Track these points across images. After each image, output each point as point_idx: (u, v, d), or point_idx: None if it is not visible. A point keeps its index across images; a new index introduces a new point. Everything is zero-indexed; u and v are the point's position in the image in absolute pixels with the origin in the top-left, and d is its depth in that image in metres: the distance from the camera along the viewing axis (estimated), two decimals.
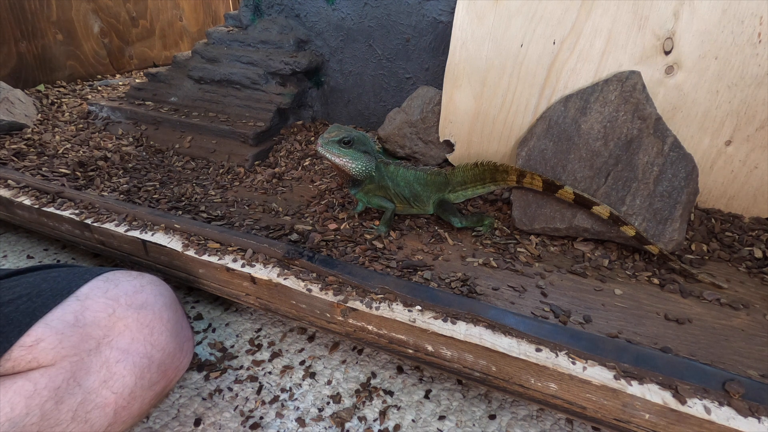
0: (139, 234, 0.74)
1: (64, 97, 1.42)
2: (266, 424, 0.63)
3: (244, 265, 0.67)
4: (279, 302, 0.67)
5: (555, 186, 0.70)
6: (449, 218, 0.75)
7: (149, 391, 0.55)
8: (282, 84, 1.14)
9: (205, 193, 0.90)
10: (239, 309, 0.85)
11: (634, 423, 0.50)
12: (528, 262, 0.70)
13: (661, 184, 0.69)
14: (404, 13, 1.03)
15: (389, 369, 0.72)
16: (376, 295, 0.61)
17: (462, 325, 0.56)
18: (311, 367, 0.72)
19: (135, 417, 0.55)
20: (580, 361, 0.51)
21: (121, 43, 1.76)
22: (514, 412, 0.65)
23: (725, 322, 0.59)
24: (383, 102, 1.17)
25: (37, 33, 1.47)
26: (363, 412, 0.65)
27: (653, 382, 0.49)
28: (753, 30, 0.67)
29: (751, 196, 0.77)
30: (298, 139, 1.12)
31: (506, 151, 0.89)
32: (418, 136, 0.97)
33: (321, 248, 0.70)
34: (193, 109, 1.16)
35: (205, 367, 0.71)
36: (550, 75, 0.79)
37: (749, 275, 0.68)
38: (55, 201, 0.83)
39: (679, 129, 0.76)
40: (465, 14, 0.82)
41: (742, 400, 0.47)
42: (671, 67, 0.73)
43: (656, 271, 0.68)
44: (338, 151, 0.70)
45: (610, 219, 0.68)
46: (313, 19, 1.14)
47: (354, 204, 0.84)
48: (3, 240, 1.04)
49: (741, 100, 0.71)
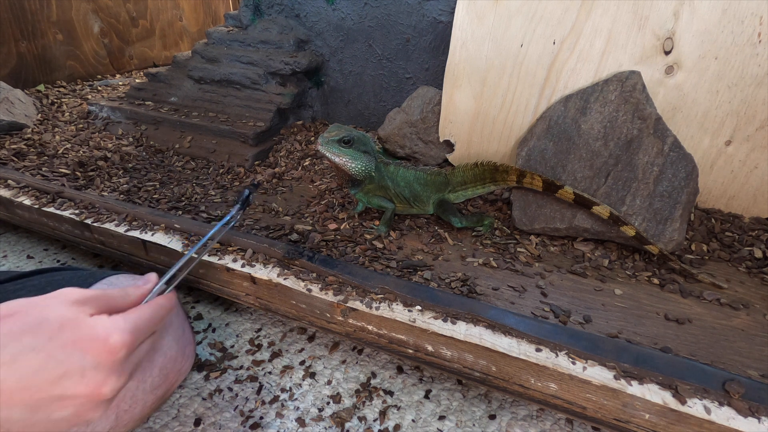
0: (139, 234, 0.74)
1: (64, 97, 1.42)
2: (266, 424, 0.63)
3: (244, 265, 0.67)
4: (279, 302, 0.67)
5: (555, 186, 0.70)
6: (449, 218, 0.75)
7: (151, 395, 0.55)
8: (282, 84, 1.14)
9: (205, 193, 0.90)
10: (239, 309, 0.85)
11: (634, 423, 0.50)
12: (528, 262, 0.70)
13: (661, 184, 0.69)
14: (404, 13, 1.03)
15: (389, 369, 0.72)
16: (376, 295, 0.61)
17: (462, 325, 0.56)
18: (311, 367, 0.72)
19: (136, 420, 0.55)
20: (580, 361, 0.51)
21: (121, 43, 1.76)
22: (514, 412, 0.65)
23: (725, 322, 0.59)
24: (383, 102, 1.17)
25: (37, 33, 1.47)
26: (363, 412, 0.65)
27: (653, 382, 0.49)
28: (753, 30, 0.67)
29: (751, 196, 0.77)
30: (298, 139, 1.12)
31: (506, 151, 0.89)
32: (418, 136, 0.97)
33: (321, 248, 0.70)
34: (193, 109, 1.16)
35: (205, 367, 0.71)
36: (550, 75, 0.79)
37: (749, 275, 0.68)
38: (55, 201, 0.83)
39: (679, 129, 0.76)
40: (465, 14, 0.82)
41: (742, 400, 0.47)
42: (671, 67, 0.73)
43: (656, 271, 0.68)
44: (338, 151, 0.70)
45: (610, 219, 0.68)
46: (313, 19, 1.14)
47: (354, 204, 0.84)
48: (3, 240, 1.04)
49: (741, 100, 0.71)
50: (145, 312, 0.42)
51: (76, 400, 0.36)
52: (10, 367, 0.34)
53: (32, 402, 0.35)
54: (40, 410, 0.36)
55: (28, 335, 0.35)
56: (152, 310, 0.43)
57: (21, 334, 0.35)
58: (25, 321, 0.36)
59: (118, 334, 0.38)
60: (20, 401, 0.35)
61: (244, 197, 0.60)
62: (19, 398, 0.35)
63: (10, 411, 0.35)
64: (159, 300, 0.45)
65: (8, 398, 0.34)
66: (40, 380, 0.35)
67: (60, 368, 0.35)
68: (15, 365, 0.34)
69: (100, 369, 0.37)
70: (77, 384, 0.36)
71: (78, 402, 0.37)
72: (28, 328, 0.36)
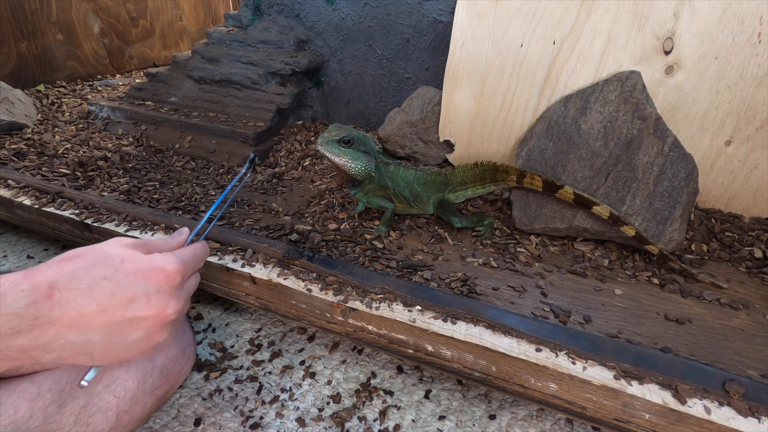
0: (139, 234, 0.74)
1: (64, 97, 1.42)
2: (266, 424, 0.63)
3: (244, 265, 0.67)
4: (279, 302, 0.67)
5: (555, 186, 0.70)
6: (449, 218, 0.75)
7: (151, 396, 0.55)
8: (282, 84, 1.14)
9: (205, 193, 0.90)
10: (239, 309, 0.85)
11: (634, 423, 0.50)
12: (528, 262, 0.70)
13: (661, 184, 0.69)
14: (404, 13, 1.03)
15: (389, 369, 0.72)
16: (376, 295, 0.61)
17: (462, 325, 0.56)
18: (311, 367, 0.72)
19: (136, 421, 0.55)
20: (580, 361, 0.51)
21: (121, 43, 1.76)
22: (514, 412, 0.65)
23: (725, 322, 0.59)
24: (383, 102, 1.17)
25: (37, 33, 1.47)
26: (363, 412, 0.65)
27: (653, 382, 0.49)
28: (753, 30, 0.67)
29: (751, 196, 0.77)
30: (298, 139, 1.12)
31: (506, 151, 0.89)
32: (418, 136, 0.97)
33: (321, 248, 0.70)
34: (193, 109, 1.16)
35: (205, 367, 0.71)
36: (550, 75, 0.79)
37: (749, 275, 0.68)
38: (55, 201, 0.83)
39: (679, 129, 0.76)
40: (465, 14, 0.82)
41: (742, 400, 0.47)
42: (671, 67, 0.73)
43: (656, 271, 0.68)
44: (338, 151, 0.70)
45: (610, 219, 0.68)
46: (313, 19, 1.14)
47: (354, 204, 0.84)
48: (3, 240, 1.04)
49: (741, 100, 0.71)
50: (188, 251, 0.49)
51: (146, 322, 0.42)
52: (88, 294, 0.39)
53: (110, 325, 0.40)
54: (117, 333, 0.41)
55: (98, 267, 0.41)
56: (194, 250, 0.50)
57: (92, 267, 0.41)
58: (92, 257, 0.42)
59: (173, 264, 0.44)
60: (99, 324, 0.39)
61: (251, 158, 0.66)
62: (98, 321, 0.39)
63: (93, 334, 0.39)
64: (197, 244, 0.52)
65: (90, 321, 0.39)
66: (113, 304, 0.40)
67: (129, 293, 0.41)
68: (92, 292, 0.39)
69: (162, 293, 0.43)
70: (145, 306, 0.41)
71: (147, 324, 0.42)
72: (96, 263, 0.41)
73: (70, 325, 0.38)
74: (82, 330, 0.39)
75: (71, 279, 0.39)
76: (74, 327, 0.38)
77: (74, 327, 0.38)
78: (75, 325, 0.38)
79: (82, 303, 0.38)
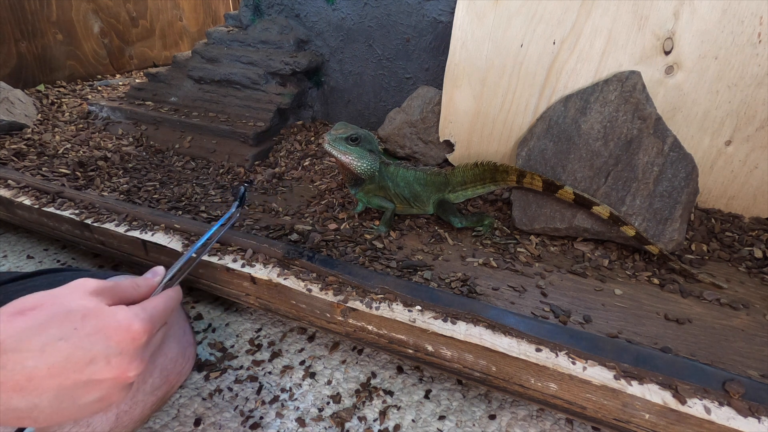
0: (139, 234, 0.74)
1: (64, 97, 1.42)
2: (266, 424, 0.63)
3: (244, 265, 0.67)
4: (279, 302, 0.67)
5: (555, 186, 0.70)
6: (449, 218, 0.75)
7: (151, 396, 0.55)
8: (282, 84, 1.14)
9: (205, 193, 0.90)
10: (239, 309, 0.85)
11: (634, 423, 0.50)
12: (528, 262, 0.70)
13: (661, 184, 0.69)
14: (404, 13, 1.03)
15: (389, 369, 0.72)
16: (376, 295, 0.61)
17: (462, 325, 0.56)
18: (311, 367, 0.72)
19: (136, 422, 0.55)
20: (580, 361, 0.51)
21: (121, 43, 1.76)
22: (514, 412, 0.65)
23: (725, 322, 0.59)
24: (383, 102, 1.17)
25: (37, 33, 1.47)
26: (363, 412, 0.65)
27: (653, 382, 0.49)
28: (753, 30, 0.67)
29: (751, 196, 0.77)
30: (298, 139, 1.12)
31: (506, 151, 0.89)
32: (418, 136, 0.97)
33: (321, 248, 0.70)
34: (193, 109, 1.16)
35: (205, 367, 0.71)
36: (550, 75, 0.79)
37: (749, 275, 0.68)
38: (55, 201, 0.83)
39: (679, 129, 0.76)
40: (465, 14, 0.82)
41: (742, 400, 0.47)
42: (671, 67, 0.73)
43: (656, 271, 0.68)
44: (345, 149, 0.70)
45: (610, 219, 0.68)
46: (313, 19, 1.14)
47: (354, 204, 0.84)
48: (3, 240, 1.04)
49: (741, 100, 0.71)
50: (159, 302, 0.44)
51: (103, 384, 0.38)
52: (39, 356, 0.35)
53: (61, 389, 0.36)
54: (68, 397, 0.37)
55: (55, 325, 0.37)
56: (165, 301, 0.45)
57: (48, 325, 0.37)
58: (49, 312, 0.37)
59: (139, 323, 0.40)
60: (49, 388, 0.36)
61: (241, 194, 0.61)
62: (48, 385, 0.36)
63: (40, 398, 0.36)
64: (169, 292, 0.47)
65: (38, 385, 0.35)
66: (68, 368, 0.36)
67: (87, 355, 0.37)
68: (44, 355, 0.35)
69: (125, 354, 0.39)
70: (104, 369, 0.38)
71: (105, 386, 0.39)
72: (53, 319, 0.37)
73: (14, 390, 0.34)
74: (28, 395, 0.35)
75: (21, 339, 0.35)
76: (20, 392, 0.35)
77: (20, 392, 0.35)
78: (21, 390, 0.35)
79: (30, 366, 0.35)
